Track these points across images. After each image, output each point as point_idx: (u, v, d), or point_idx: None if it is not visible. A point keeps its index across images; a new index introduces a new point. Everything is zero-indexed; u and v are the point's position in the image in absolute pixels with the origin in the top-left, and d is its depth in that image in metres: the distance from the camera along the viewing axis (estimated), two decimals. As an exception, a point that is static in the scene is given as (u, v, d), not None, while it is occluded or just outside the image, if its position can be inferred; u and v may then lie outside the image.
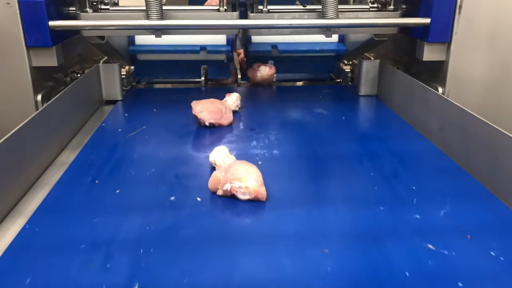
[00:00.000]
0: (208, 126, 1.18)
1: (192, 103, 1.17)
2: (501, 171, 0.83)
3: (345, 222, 0.76)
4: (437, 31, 1.21)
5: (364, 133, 1.17)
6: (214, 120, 1.17)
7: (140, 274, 0.63)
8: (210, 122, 1.17)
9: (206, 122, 1.16)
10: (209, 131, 1.17)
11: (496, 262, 0.65)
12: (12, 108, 1.15)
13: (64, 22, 1.17)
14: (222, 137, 1.13)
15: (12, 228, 0.76)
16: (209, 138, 1.14)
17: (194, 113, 1.16)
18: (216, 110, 1.18)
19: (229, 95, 1.29)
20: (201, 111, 1.16)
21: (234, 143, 1.10)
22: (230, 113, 1.21)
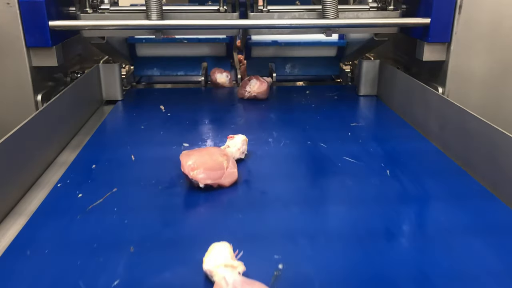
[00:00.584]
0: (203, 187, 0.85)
1: (181, 155, 0.87)
2: (501, 171, 0.83)
3: (344, 222, 0.76)
4: (437, 31, 1.21)
5: (364, 133, 1.17)
6: (212, 180, 0.85)
7: (140, 274, 0.63)
8: (206, 184, 0.85)
9: (201, 183, 0.84)
10: (204, 197, 0.83)
11: (496, 262, 0.65)
12: (12, 108, 1.15)
13: (64, 22, 1.17)
14: (222, 212, 0.80)
15: (12, 228, 0.76)
16: (203, 215, 0.80)
17: (184, 172, 0.84)
18: (215, 166, 0.85)
19: (231, 138, 0.97)
20: (194, 167, 0.84)
21: (241, 224, 0.76)
22: (234, 167, 0.88)
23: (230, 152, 0.94)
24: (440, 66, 1.26)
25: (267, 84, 1.41)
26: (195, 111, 1.32)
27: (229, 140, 0.97)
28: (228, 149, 0.95)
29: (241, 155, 0.97)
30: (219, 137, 1.12)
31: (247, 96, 1.40)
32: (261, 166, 0.97)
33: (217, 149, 0.91)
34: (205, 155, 0.86)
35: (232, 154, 0.94)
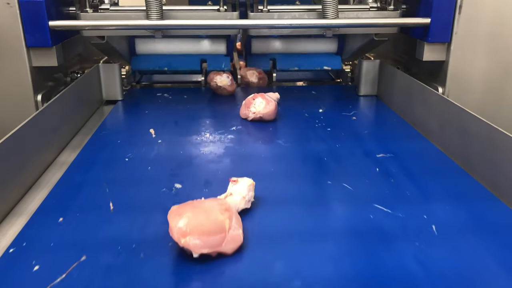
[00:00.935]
0: None
1: (169, 213, 0.66)
2: (501, 171, 0.83)
3: (344, 222, 0.76)
4: (437, 31, 1.21)
5: (364, 133, 1.17)
6: (209, 248, 0.63)
7: (140, 275, 0.63)
8: (202, 253, 0.63)
9: (195, 253, 0.63)
10: (199, 272, 0.62)
11: (496, 262, 0.65)
12: (12, 108, 1.15)
13: (64, 22, 1.17)
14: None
15: (12, 228, 0.76)
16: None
17: (174, 238, 0.63)
18: (213, 228, 0.64)
19: (235, 183, 0.77)
20: (186, 232, 0.62)
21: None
22: (238, 228, 0.67)
23: (234, 202, 0.73)
24: (440, 66, 1.26)
25: (274, 103, 1.18)
26: (189, 141, 1.10)
27: (231, 185, 0.77)
28: (230, 199, 0.74)
29: (246, 205, 0.75)
30: (218, 184, 0.87)
31: (251, 117, 1.20)
32: (274, 219, 0.75)
33: (216, 203, 0.68)
34: (200, 213, 0.64)
35: (236, 205, 0.73)
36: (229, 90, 1.45)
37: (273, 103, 1.19)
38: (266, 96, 1.21)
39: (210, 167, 0.97)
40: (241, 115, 1.23)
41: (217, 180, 0.90)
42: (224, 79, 1.43)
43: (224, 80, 1.43)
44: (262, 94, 1.21)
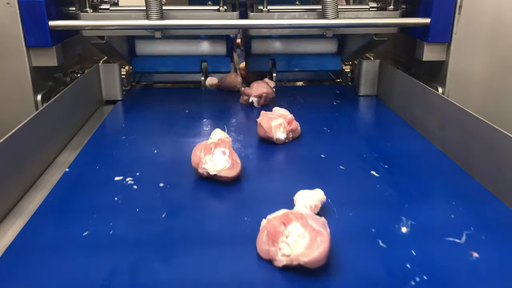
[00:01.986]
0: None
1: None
2: (501, 171, 0.83)
3: (344, 222, 0.76)
4: (437, 31, 1.21)
5: (364, 133, 1.17)
6: None
7: (140, 275, 0.63)
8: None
9: None
10: None
11: (496, 262, 0.65)
12: (12, 108, 1.15)
13: (64, 22, 1.17)
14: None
15: (12, 228, 0.76)
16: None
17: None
18: None
19: None
20: None
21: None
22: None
23: None
24: (440, 66, 1.26)
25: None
26: (190, 141, 1.09)
27: None
28: None
29: None
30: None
31: None
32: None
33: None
34: None
35: None
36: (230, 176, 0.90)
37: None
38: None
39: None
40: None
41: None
42: None
43: None
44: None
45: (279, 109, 1.14)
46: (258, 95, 1.33)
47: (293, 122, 1.08)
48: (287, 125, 1.06)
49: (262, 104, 1.35)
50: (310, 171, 0.95)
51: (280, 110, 1.13)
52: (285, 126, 1.06)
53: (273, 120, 1.05)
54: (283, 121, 1.06)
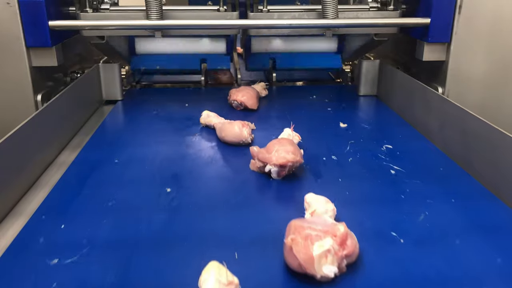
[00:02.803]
0: None
1: None
2: (501, 171, 0.83)
3: (344, 222, 0.76)
4: (437, 31, 1.21)
5: (364, 133, 1.17)
6: None
7: (139, 275, 0.63)
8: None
9: None
10: None
11: (496, 262, 0.65)
12: (12, 108, 1.15)
13: (64, 22, 1.17)
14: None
15: (12, 228, 0.76)
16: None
17: None
18: None
19: None
20: None
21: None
22: None
23: None
24: (440, 66, 1.26)
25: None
26: (190, 141, 1.09)
27: None
28: None
29: None
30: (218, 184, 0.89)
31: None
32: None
33: None
34: None
35: None
36: None
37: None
38: None
39: (210, 167, 0.97)
40: None
41: (218, 180, 0.91)
42: None
43: None
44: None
45: (315, 199, 0.73)
46: (280, 164, 0.88)
47: (348, 241, 0.63)
48: (338, 248, 0.61)
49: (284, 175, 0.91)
50: (307, 171, 0.95)
51: (318, 203, 0.72)
52: (336, 252, 0.60)
53: (315, 244, 0.60)
54: (333, 244, 0.61)
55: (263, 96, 1.45)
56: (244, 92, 1.33)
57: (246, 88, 1.38)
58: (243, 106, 1.32)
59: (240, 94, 1.32)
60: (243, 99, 1.31)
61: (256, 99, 1.34)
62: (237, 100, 1.30)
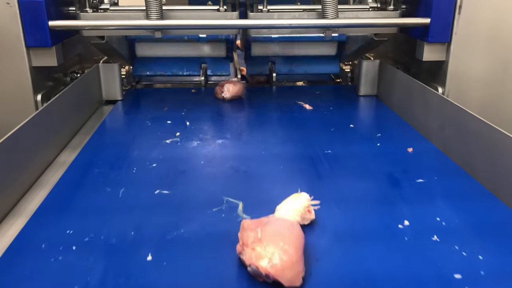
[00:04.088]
0: None
1: None
2: (501, 171, 0.83)
3: (343, 222, 0.76)
4: (437, 31, 1.21)
5: (364, 133, 1.17)
6: None
7: (139, 275, 0.63)
8: None
9: None
10: None
11: (496, 262, 0.65)
12: (12, 108, 1.15)
13: (64, 22, 1.17)
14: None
15: (12, 228, 0.76)
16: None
17: None
18: None
19: None
20: None
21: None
22: None
23: None
24: (440, 66, 1.26)
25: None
26: (189, 141, 1.13)
27: None
28: None
29: None
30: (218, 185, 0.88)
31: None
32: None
33: None
34: None
35: None
36: None
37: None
38: None
39: (210, 167, 0.97)
40: None
41: (218, 181, 0.91)
42: None
43: None
44: None
45: None
46: None
47: None
48: None
49: None
50: (307, 171, 0.95)
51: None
52: None
53: None
54: None
55: None
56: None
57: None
58: None
59: None
60: None
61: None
62: None
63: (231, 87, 1.42)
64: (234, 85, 1.43)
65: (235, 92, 1.43)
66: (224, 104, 1.41)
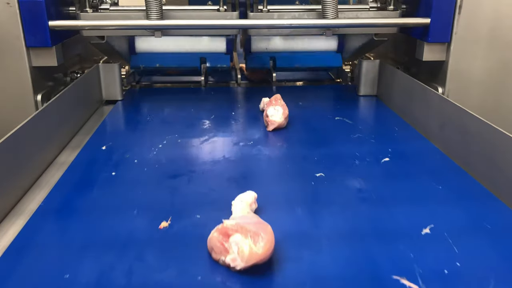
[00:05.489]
0: None
1: None
2: (501, 171, 0.83)
3: (343, 222, 0.76)
4: (437, 31, 1.21)
5: (364, 133, 1.17)
6: None
7: (139, 275, 0.63)
8: None
9: None
10: None
11: (496, 262, 0.65)
12: (12, 108, 1.15)
13: (64, 22, 1.17)
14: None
15: (12, 228, 0.76)
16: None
17: None
18: None
19: None
20: None
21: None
22: None
23: None
24: (440, 66, 1.26)
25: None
26: (190, 141, 1.12)
27: None
28: None
29: None
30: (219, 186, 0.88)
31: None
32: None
33: None
34: None
35: None
36: None
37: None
38: None
39: (210, 167, 0.97)
40: None
41: (218, 181, 0.91)
42: None
43: None
44: None
45: None
46: None
47: None
48: None
49: None
50: (307, 171, 0.95)
51: None
52: None
53: None
54: None
55: None
56: None
57: None
58: None
59: None
60: None
61: None
62: None
63: None
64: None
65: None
66: (225, 104, 1.41)
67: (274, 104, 1.19)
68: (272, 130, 1.16)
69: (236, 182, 0.90)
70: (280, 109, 1.17)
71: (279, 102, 1.19)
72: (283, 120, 1.16)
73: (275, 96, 1.22)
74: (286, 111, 1.18)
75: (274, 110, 1.17)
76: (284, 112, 1.17)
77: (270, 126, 1.16)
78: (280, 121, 1.15)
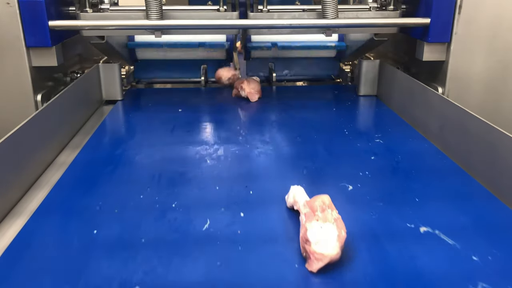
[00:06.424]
0: None
1: None
2: (501, 171, 0.83)
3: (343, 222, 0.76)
4: (437, 31, 1.21)
5: (364, 133, 1.17)
6: None
7: (139, 275, 0.63)
8: None
9: None
10: None
11: (496, 262, 0.65)
12: (12, 108, 1.15)
13: (64, 22, 1.17)
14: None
15: (12, 228, 0.76)
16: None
17: None
18: None
19: None
20: None
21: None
22: None
23: None
24: (440, 66, 1.26)
25: None
26: (190, 141, 1.23)
27: None
28: None
29: None
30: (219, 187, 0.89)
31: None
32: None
33: None
34: None
35: None
36: None
37: None
38: None
39: (211, 168, 0.97)
40: None
41: (219, 181, 0.91)
42: None
43: None
44: None
45: None
46: None
47: None
48: None
49: None
50: (307, 170, 0.95)
51: None
52: None
53: None
54: None
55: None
56: None
57: None
58: None
59: None
60: None
61: None
62: None
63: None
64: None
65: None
66: (225, 104, 1.41)
67: (321, 214, 0.69)
68: None
69: (236, 182, 0.90)
70: None
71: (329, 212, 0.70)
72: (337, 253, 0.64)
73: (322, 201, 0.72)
74: None
75: None
76: None
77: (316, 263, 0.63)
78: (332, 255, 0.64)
